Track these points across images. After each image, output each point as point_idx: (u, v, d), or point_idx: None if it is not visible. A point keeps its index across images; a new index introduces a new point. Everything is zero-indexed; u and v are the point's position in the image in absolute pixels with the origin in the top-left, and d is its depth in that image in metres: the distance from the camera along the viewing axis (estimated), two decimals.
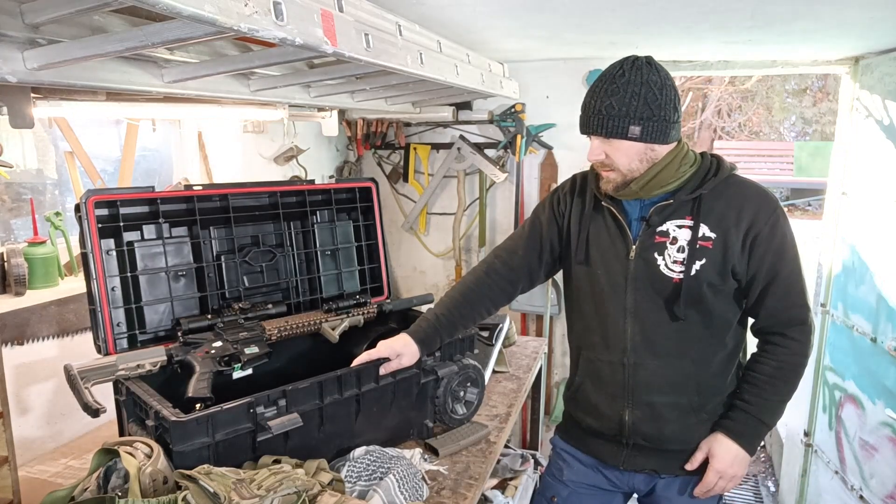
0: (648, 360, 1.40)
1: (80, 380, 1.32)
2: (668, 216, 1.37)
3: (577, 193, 1.51)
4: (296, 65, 1.67)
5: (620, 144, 1.31)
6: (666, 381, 1.40)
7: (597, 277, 1.44)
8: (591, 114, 1.32)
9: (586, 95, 1.36)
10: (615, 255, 1.41)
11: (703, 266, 1.33)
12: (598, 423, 1.50)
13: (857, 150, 2.60)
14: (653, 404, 1.42)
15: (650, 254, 1.37)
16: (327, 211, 1.96)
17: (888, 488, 2.24)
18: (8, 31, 1.02)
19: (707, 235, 1.33)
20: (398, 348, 1.51)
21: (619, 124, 1.28)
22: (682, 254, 1.34)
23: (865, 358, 2.40)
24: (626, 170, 1.33)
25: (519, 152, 3.00)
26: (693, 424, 1.42)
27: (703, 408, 1.41)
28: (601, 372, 1.47)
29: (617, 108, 1.28)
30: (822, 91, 8.75)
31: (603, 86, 1.31)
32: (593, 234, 1.45)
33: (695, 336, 1.37)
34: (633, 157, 1.32)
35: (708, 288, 1.34)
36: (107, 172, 2.16)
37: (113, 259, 1.52)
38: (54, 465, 1.65)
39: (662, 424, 1.42)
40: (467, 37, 2.20)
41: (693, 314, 1.36)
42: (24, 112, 1.29)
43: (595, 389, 1.50)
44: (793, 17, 1.88)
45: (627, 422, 1.44)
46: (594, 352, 1.48)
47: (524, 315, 3.30)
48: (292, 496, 1.14)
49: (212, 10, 0.80)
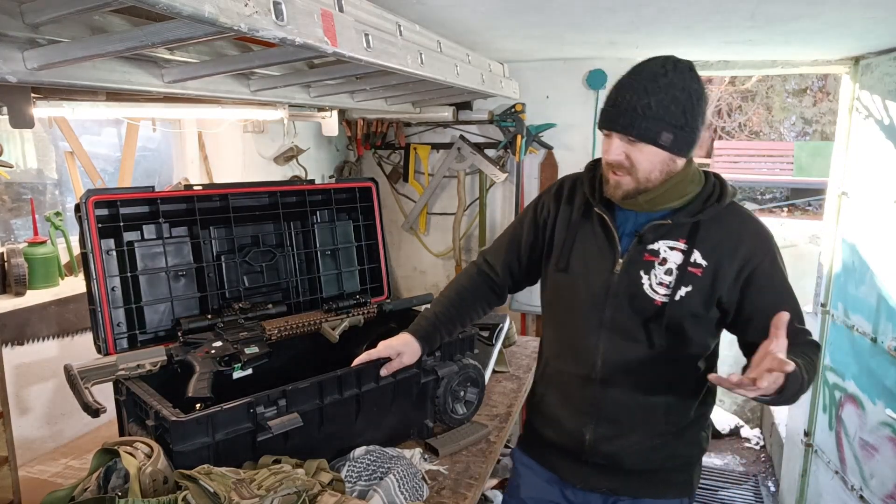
0: (619, 379, 1.33)
1: (80, 380, 1.32)
2: (661, 235, 1.30)
3: (565, 200, 1.44)
4: (296, 65, 1.67)
5: (646, 149, 1.21)
6: (635, 401, 1.34)
7: (576, 287, 1.37)
8: (622, 109, 1.20)
9: (617, 88, 1.23)
10: (599, 267, 1.34)
11: (688, 293, 1.26)
12: (557, 436, 1.45)
13: (857, 150, 2.60)
14: (618, 423, 1.36)
15: (636, 271, 1.30)
16: (327, 211, 1.96)
17: (888, 488, 2.24)
18: (8, 31, 1.02)
19: (698, 262, 1.27)
20: (398, 347, 1.51)
21: (653, 127, 1.19)
22: (669, 276, 1.27)
23: (865, 358, 2.40)
24: (644, 178, 1.24)
25: (519, 152, 3.00)
26: (657, 446, 1.36)
27: (668, 432, 1.36)
28: (568, 385, 1.41)
29: (654, 110, 1.18)
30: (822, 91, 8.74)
31: (642, 82, 1.19)
32: (579, 242, 1.38)
33: (669, 359, 1.31)
34: (655, 165, 1.23)
35: (690, 317, 1.28)
36: (107, 172, 2.16)
37: (113, 259, 1.52)
38: (54, 465, 1.65)
39: (625, 444, 1.36)
40: (467, 37, 2.20)
41: (669, 340, 1.29)
42: (24, 112, 1.29)
43: (559, 402, 1.44)
44: (793, 17, 1.88)
45: (588, 439, 1.37)
46: (563, 363, 1.42)
47: (524, 315, 3.30)
48: (292, 496, 1.14)
49: (212, 10, 0.80)
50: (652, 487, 1.40)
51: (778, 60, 2.82)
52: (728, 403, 4.21)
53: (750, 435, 4.02)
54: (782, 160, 7.95)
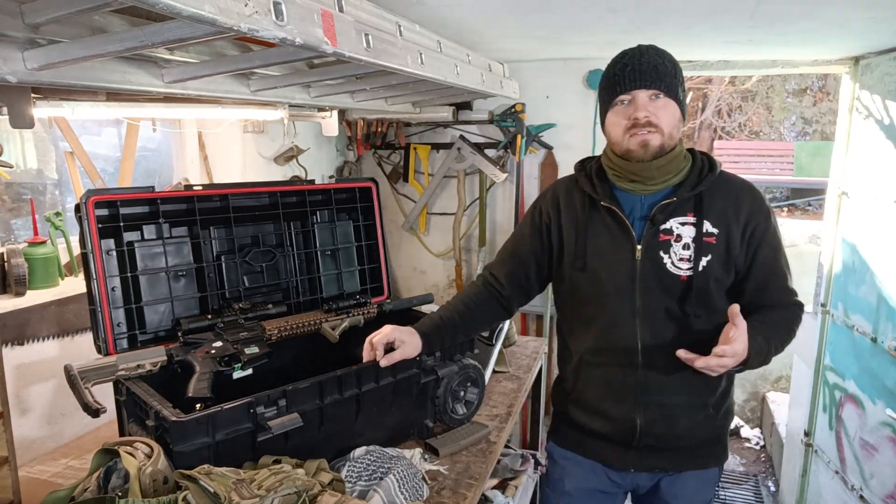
0: (660, 361, 1.37)
1: (80, 380, 1.32)
2: (670, 214, 1.36)
3: (564, 203, 1.47)
4: (296, 65, 1.67)
5: (668, 105, 1.30)
6: (678, 380, 1.38)
7: (599, 282, 1.40)
8: (645, 69, 1.28)
9: (629, 56, 1.32)
10: (619, 258, 1.38)
11: (709, 262, 1.33)
12: (605, 426, 1.47)
13: (857, 150, 2.60)
14: (664, 405, 1.40)
15: (656, 253, 1.35)
16: (327, 211, 1.96)
17: (888, 488, 2.24)
18: (8, 31, 1.02)
19: (710, 231, 1.34)
20: (402, 334, 1.49)
21: (673, 83, 1.30)
22: (688, 251, 1.34)
23: (865, 358, 2.40)
24: (668, 133, 1.31)
25: (519, 152, 3.00)
26: (701, 420, 1.43)
27: (709, 403, 1.43)
28: (609, 377, 1.44)
29: (668, 68, 1.30)
30: (822, 91, 8.74)
31: (644, 51, 1.31)
32: (592, 238, 1.42)
33: (702, 331, 1.35)
34: (675, 121, 1.32)
35: (714, 283, 1.34)
36: (107, 172, 2.16)
37: (113, 259, 1.52)
38: (54, 465, 1.65)
39: (673, 424, 1.41)
40: (467, 37, 2.20)
41: (701, 311, 1.35)
42: (24, 112, 1.29)
43: (602, 394, 1.46)
44: (793, 17, 1.88)
45: (640, 424, 1.41)
46: (601, 356, 1.44)
47: (524, 315, 3.30)
48: (292, 496, 1.14)
49: (212, 10, 0.80)
50: (697, 459, 1.47)
51: (778, 60, 2.82)
52: None
53: (750, 435, 4.02)
54: (782, 160, 7.95)
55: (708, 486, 1.53)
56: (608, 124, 1.37)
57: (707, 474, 1.51)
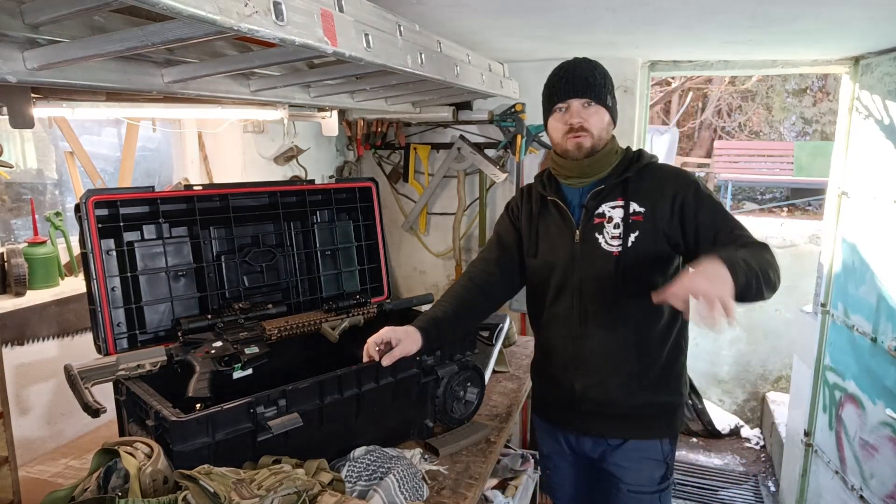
0: (594, 332, 1.52)
1: (80, 380, 1.32)
2: (602, 199, 1.51)
3: (525, 200, 1.68)
4: (296, 65, 1.67)
5: (598, 111, 1.49)
6: (609, 349, 1.52)
7: (548, 266, 1.58)
8: (577, 81, 1.48)
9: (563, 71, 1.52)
10: (562, 242, 1.55)
11: (636, 237, 1.47)
12: (553, 393, 1.64)
13: (857, 150, 2.60)
14: (598, 371, 1.54)
15: (591, 234, 1.51)
16: (327, 211, 1.96)
17: (888, 488, 2.24)
18: (8, 31, 1.02)
19: (637, 210, 1.48)
20: (399, 333, 1.49)
21: (601, 93, 1.49)
22: (618, 230, 1.48)
23: (865, 358, 2.40)
24: (598, 135, 1.49)
25: (519, 152, 3.00)
26: (636, 390, 1.53)
27: (644, 374, 1.53)
28: (556, 346, 1.60)
29: (598, 80, 1.49)
30: (822, 91, 8.75)
31: (580, 64, 1.51)
32: (542, 228, 1.61)
33: (634, 305, 1.48)
34: (603, 125, 1.50)
35: (644, 257, 1.46)
36: (107, 172, 2.16)
37: (113, 259, 1.52)
38: (54, 465, 1.65)
39: (608, 390, 1.54)
40: (467, 37, 2.20)
41: (631, 284, 1.47)
42: (24, 112, 1.29)
43: (551, 363, 1.63)
44: (793, 17, 1.88)
45: (577, 389, 1.56)
46: (550, 329, 1.61)
47: (524, 315, 3.30)
48: (292, 496, 1.14)
49: (212, 10, 0.80)
50: (636, 430, 1.56)
51: (778, 60, 2.82)
52: (728, 403, 4.21)
53: (750, 435, 4.02)
54: (782, 160, 7.95)
55: (653, 461, 1.57)
56: (549, 128, 1.57)
57: (649, 446, 1.56)
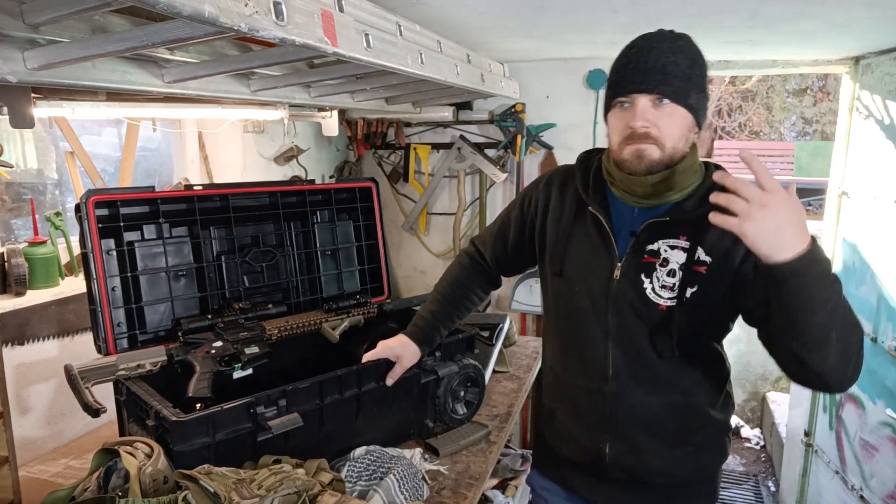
0: (631, 391, 1.24)
1: (80, 380, 1.32)
2: (659, 234, 1.19)
3: (556, 195, 1.34)
4: (296, 65, 1.67)
5: (675, 111, 1.10)
6: (651, 413, 1.24)
7: (575, 294, 1.28)
8: (649, 69, 1.09)
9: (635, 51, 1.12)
10: (597, 272, 1.24)
11: (694, 293, 1.16)
12: (574, 453, 1.35)
13: (857, 150, 2.60)
14: (633, 437, 1.26)
15: (636, 275, 1.20)
16: (327, 211, 1.96)
17: (888, 488, 2.24)
18: (8, 31, 1.02)
19: (702, 259, 1.16)
20: (396, 348, 1.51)
21: (684, 86, 1.09)
22: (673, 278, 1.17)
23: (866, 358, 2.39)
24: (672, 147, 1.12)
25: (519, 152, 3.00)
26: (679, 457, 1.27)
27: (689, 441, 1.26)
28: (578, 399, 1.32)
29: (682, 68, 1.08)
30: (822, 91, 8.74)
31: (663, 43, 1.10)
32: (573, 244, 1.28)
33: (682, 365, 1.21)
34: (683, 131, 1.12)
35: (700, 316, 1.17)
36: (107, 172, 2.16)
37: (113, 259, 1.52)
38: (54, 465, 1.65)
39: (646, 458, 1.26)
40: (467, 37, 2.20)
41: (681, 344, 1.19)
42: (24, 112, 1.29)
43: (572, 417, 1.34)
44: (793, 17, 1.88)
45: (608, 454, 1.28)
46: (572, 376, 1.33)
47: (524, 315, 3.30)
48: (292, 496, 1.14)
49: (212, 10, 0.80)
50: (677, 500, 1.32)
51: (778, 60, 2.82)
52: None
53: (750, 435, 4.02)
54: (782, 160, 7.95)
55: None
56: (609, 126, 1.20)
57: None
